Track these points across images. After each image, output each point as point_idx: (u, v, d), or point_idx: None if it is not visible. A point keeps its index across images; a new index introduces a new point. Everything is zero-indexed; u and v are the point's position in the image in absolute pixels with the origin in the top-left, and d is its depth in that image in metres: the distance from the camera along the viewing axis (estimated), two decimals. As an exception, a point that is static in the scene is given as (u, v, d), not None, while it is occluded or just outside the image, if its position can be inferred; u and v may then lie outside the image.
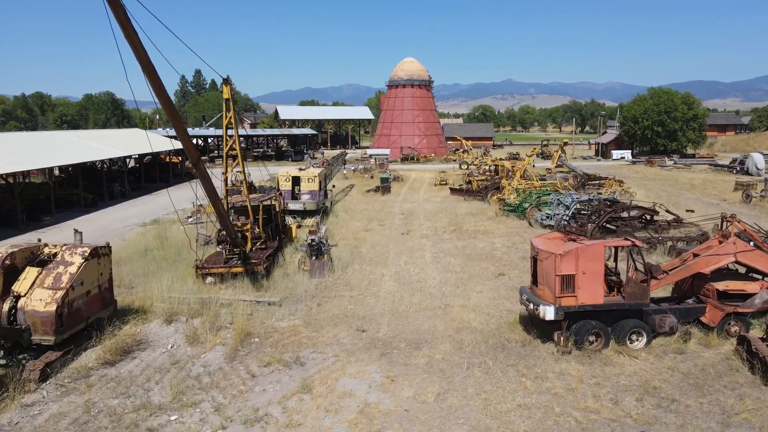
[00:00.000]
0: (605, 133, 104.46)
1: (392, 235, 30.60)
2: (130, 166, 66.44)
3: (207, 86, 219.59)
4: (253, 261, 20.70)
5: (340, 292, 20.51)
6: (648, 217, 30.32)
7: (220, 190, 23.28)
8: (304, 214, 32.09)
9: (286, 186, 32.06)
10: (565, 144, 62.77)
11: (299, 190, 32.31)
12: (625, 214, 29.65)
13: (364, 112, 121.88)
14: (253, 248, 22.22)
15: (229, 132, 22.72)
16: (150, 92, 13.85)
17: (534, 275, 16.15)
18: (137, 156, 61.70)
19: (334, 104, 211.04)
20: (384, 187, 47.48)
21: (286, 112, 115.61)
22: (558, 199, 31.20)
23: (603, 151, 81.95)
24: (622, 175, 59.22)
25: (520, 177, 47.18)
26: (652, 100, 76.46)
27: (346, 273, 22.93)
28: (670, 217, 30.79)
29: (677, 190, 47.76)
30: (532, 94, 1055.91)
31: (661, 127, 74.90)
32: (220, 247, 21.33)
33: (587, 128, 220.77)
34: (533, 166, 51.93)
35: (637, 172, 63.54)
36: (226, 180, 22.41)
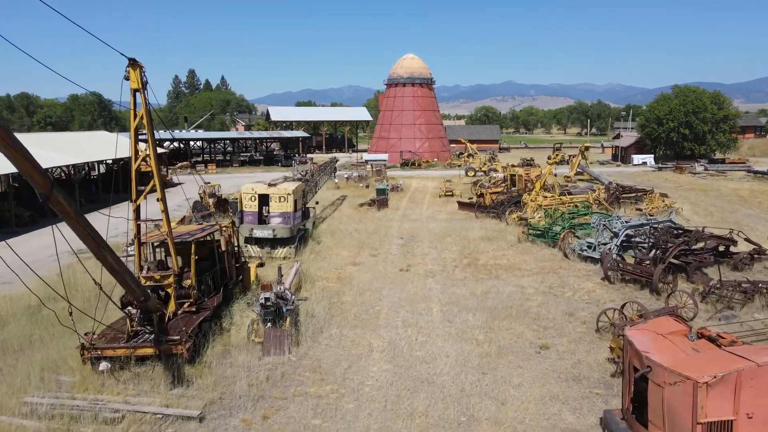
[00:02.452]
0: (619, 135, 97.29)
1: (388, 272, 23.38)
2: (94, 174, 59.45)
3: (201, 87, 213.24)
4: (170, 339, 13.50)
5: (303, 386, 13.30)
6: (722, 248, 23.20)
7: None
8: (274, 243, 24.89)
9: (250, 206, 24.85)
10: (586, 148, 55.54)
11: (268, 212, 25.11)
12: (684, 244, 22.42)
13: (362, 113, 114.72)
14: (179, 312, 14.99)
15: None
16: None
17: (636, 401, 8.97)
18: (111, 162, 54.73)
19: (333, 105, 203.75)
20: (380, 200, 40.28)
21: (279, 113, 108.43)
22: (603, 224, 23.98)
23: (622, 156, 74.72)
24: (650, 183, 52.10)
25: (541, 188, 40.11)
26: (677, 100, 69.21)
27: (318, 344, 15.73)
28: (746, 246, 23.70)
29: (726, 203, 40.54)
30: (532, 96, 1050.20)
31: (689, 129, 67.68)
32: (127, 310, 14.09)
33: (593, 130, 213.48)
34: (555, 174, 44.66)
35: (668, 180, 56.30)
36: (137, 211, 15.23)
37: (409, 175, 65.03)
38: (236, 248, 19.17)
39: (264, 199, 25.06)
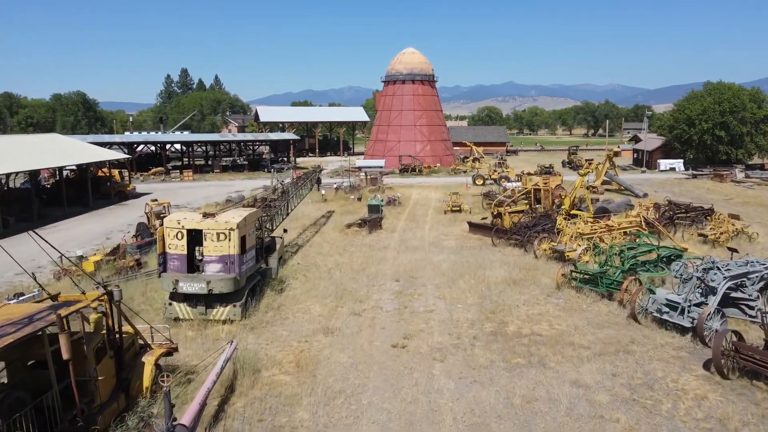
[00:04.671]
0: (636, 138, 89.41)
1: (374, 349, 15.63)
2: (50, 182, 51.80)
3: (194, 86, 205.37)
4: None
5: None
6: None
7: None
8: (210, 300, 17.10)
9: (176, 247, 17.05)
10: (615, 153, 47.77)
11: (202, 255, 17.34)
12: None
13: (359, 114, 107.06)
14: None
15: None
16: None
17: None
18: (75, 168, 47.18)
19: (331, 105, 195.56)
20: (372, 220, 32.54)
21: (268, 113, 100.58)
22: (697, 276, 16.16)
23: (647, 161, 66.88)
24: (693, 195, 44.41)
25: (571, 206, 32.62)
26: (711, 98, 61.38)
27: None
28: None
29: (802, 224, 32.70)
30: (533, 96, 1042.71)
31: (725, 131, 59.87)
32: None
33: (600, 131, 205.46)
34: (588, 188, 37.03)
35: (710, 189, 48.49)
36: None
37: (408, 183, 57.29)
38: (115, 336, 11.43)
39: (196, 237, 17.31)
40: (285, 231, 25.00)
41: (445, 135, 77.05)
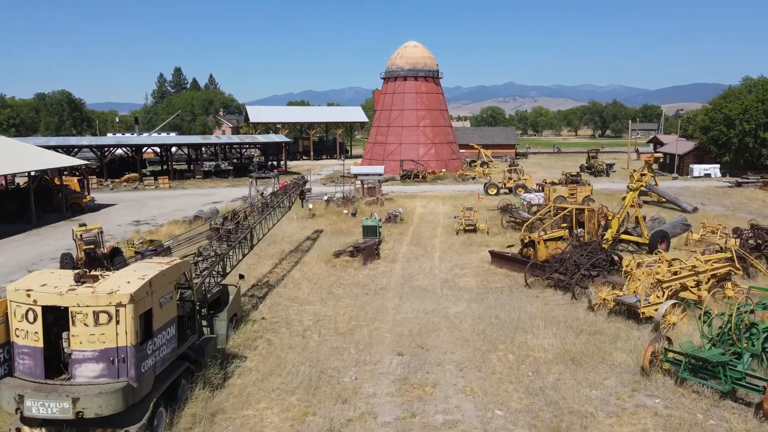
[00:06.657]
0: (656, 140, 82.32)
1: None
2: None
3: (188, 86, 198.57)
4: None
5: None
6: None
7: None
8: (83, 426, 10.03)
9: (26, 335, 10.05)
10: (655, 159, 40.65)
11: (69, 349, 10.31)
12: None
13: (357, 114, 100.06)
14: None
15: None
16: None
17: None
18: (35, 173, 39.85)
19: (329, 105, 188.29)
20: (367, 248, 25.45)
21: (259, 113, 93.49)
22: None
23: (678, 166, 59.79)
24: (745, 208, 37.46)
25: (619, 228, 25.97)
26: (753, 96, 54.34)
27: None
28: None
29: None
30: (533, 97, 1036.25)
31: (769, 132, 52.85)
32: None
33: (607, 132, 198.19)
34: (640, 205, 30.29)
35: (767, 202, 41.41)
36: None
37: (411, 192, 50.26)
38: None
39: (60, 317, 10.28)
40: (241, 277, 17.92)
41: (451, 137, 69.98)
